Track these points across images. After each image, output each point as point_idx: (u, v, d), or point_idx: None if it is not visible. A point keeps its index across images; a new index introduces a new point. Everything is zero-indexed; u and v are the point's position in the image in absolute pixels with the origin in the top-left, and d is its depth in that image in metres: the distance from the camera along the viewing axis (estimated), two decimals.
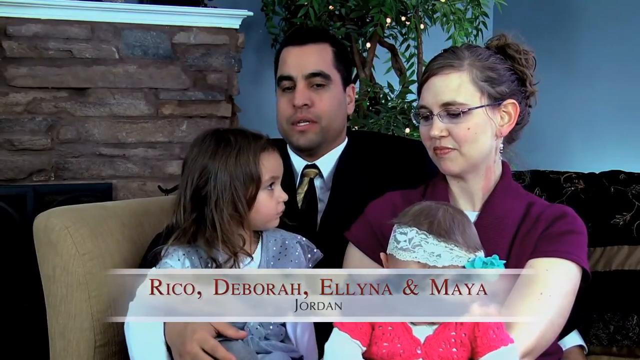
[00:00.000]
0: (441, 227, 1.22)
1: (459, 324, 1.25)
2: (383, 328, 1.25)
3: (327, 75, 1.79)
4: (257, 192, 1.49)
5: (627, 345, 1.71)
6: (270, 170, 1.50)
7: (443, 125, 1.46)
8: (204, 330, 1.40)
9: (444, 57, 1.50)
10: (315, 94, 1.78)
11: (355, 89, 1.91)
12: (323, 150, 1.84)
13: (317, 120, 1.78)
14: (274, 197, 1.52)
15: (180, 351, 1.41)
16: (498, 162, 1.55)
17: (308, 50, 1.81)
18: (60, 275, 1.62)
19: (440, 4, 3.12)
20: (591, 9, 3.60)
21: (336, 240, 1.60)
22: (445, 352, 1.23)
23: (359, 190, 1.69)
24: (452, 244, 1.22)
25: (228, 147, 1.49)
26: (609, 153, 3.37)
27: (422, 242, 1.22)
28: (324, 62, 1.80)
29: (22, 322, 2.74)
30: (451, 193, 1.55)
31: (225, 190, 1.46)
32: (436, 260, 1.21)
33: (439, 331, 1.24)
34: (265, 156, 1.50)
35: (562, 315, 1.40)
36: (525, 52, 1.53)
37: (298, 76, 1.78)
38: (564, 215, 1.48)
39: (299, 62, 1.80)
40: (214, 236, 1.46)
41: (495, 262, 1.23)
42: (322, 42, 1.84)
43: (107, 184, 2.97)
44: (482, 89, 1.47)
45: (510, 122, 1.51)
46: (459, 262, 1.22)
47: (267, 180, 1.50)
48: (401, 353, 1.23)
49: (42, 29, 2.83)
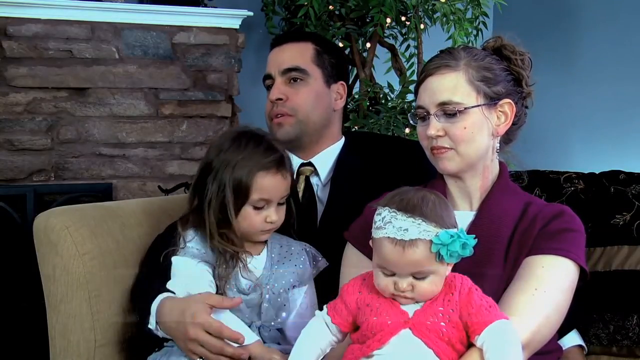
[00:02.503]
0: (409, 204, 1.26)
1: (446, 300, 1.28)
2: (371, 305, 1.29)
3: (303, 70, 1.82)
4: (243, 205, 1.51)
5: (627, 345, 1.70)
6: (261, 191, 1.51)
7: (440, 124, 1.48)
8: (204, 312, 1.41)
9: (440, 57, 1.52)
10: (291, 89, 1.82)
11: (347, 87, 1.92)
12: (310, 146, 1.86)
13: (292, 114, 1.81)
14: (261, 215, 1.53)
15: (184, 338, 1.42)
16: (495, 161, 1.56)
17: (286, 48, 1.86)
18: (60, 275, 1.62)
19: (440, 4, 3.12)
20: (591, 9, 3.60)
21: (336, 240, 1.60)
22: (433, 325, 1.26)
23: (357, 190, 1.70)
24: (420, 219, 1.24)
25: (236, 152, 1.51)
26: (609, 153, 3.37)
27: (392, 219, 1.25)
28: (302, 57, 1.84)
29: (22, 322, 2.75)
30: (449, 193, 1.56)
31: (218, 192, 1.50)
32: (403, 234, 1.24)
33: (426, 306, 1.28)
34: (262, 175, 1.51)
35: (558, 311, 1.41)
36: (521, 53, 1.55)
37: (275, 73, 1.84)
38: (561, 213, 1.49)
39: (276, 60, 1.86)
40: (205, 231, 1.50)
41: (463, 236, 1.25)
42: (303, 41, 1.88)
43: (107, 184, 2.97)
44: (478, 89, 1.48)
45: (506, 121, 1.52)
46: (427, 235, 1.24)
47: (255, 200, 1.51)
48: (389, 324, 1.27)
49: (42, 29, 2.83)
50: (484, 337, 1.26)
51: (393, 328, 1.27)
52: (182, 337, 1.43)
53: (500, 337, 1.25)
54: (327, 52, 1.88)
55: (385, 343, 1.26)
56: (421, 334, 1.26)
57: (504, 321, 1.27)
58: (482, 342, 1.26)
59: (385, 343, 1.26)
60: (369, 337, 1.28)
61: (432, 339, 1.25)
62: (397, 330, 1.26)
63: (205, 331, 1.40)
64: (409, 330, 1.26)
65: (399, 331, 1.26)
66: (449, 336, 1.26)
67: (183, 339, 1.43)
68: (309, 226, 1.77)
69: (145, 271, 1.67)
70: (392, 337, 1.26)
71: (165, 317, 1.47)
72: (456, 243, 1.24)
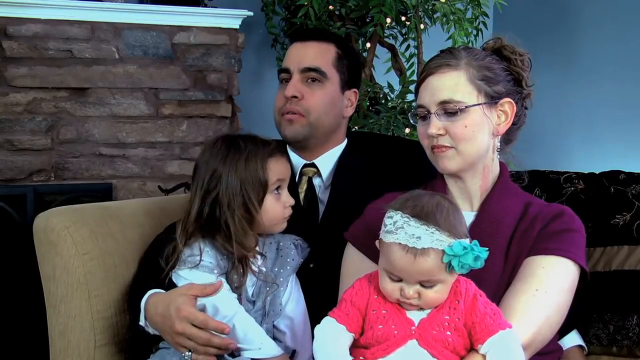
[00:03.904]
0: (423, 210, 1.24)
1: (452, 308, 1.26)
2: (377, 312, 1.28)
3: (323, 72, 1.81)
4: (264, 195, 1.54)
5: (627, 345, 1.70)
6: (277, 173, 1.56)
7: (440, 123, 1.48)
8: (188, 305, 1.41)
9: (441, 57, 1.52)
10: (307, 88, 1.81)
11: (358, 95, 1.92)
12: (315, 148, 1.85)
13: (304, 114, 1.80)
14: (281, 201, 1.57)
15: (171, 332, 1.42)
16: (495, 161, 1.56)
17: (309, 46, 1.84)
18: (60, 275, 1.62)
19: (440, 4, 3.12)
20: (591, 9, 3.60)
21: (336, 240, 1.60)
22: (439, 334, 1.25)
23: (358, 191, 1.69)
24: (433, 227, 1.22)
25: (238, 152, 1.54)
26: (609, 153, 3.36)
27: (404, 225, 1.23)
28: (323, 59, 1.82)
29: (22, 322, 2.75)
30: (449, 193, 1.56)
31: (236, 194, 1.51)
32: (416, 242, 1.22)
33: (432, 314, 1.26)
34: (272, 161, 1.56)
35: (559, 311, 1.41)
36: (521, 53, 1.55)
37: (294, 69, 1.82)
38: (561, 213, 1.49)
39: (298, 55, 1.83)
40: (228, 235, 1.50)
41: (476, 249, 1.23)
42: (327, 41, 1.86)
43: (107, 184, 2.97)
44: (478, 88, 1.48)
45: (507, 121, 1.52)
46: (439, 245, 1.22)
47: (274, 183, 1.55)
48: (395, 334, 1.26)
49: (42, 29, 2.83)
50: (488, 346, 1.25)
51: (400, 339, 1.26)
52: (169, 332, 1.43)
53: (504, 347, 1.25)
54: (347, 57, 1.86)
55: (391, 353, 1.25)
56: (427, 345, 1.25)
57: (508, 331, 1.26)
58: (486, 351, 1.26)
59: (390, 353, 1.26)
60: (374, 345, 1.27)
61: (438, 349, 1.25)
62: (404, 342, 1.26)
63: (191, 324, 1.40)
64: (415, 341, 1.25)
65: (406, 342, 1.25)
66: (455, 345, 1.26)
67: (170, 332, 1.43)
68: (310, 226, 1.77)
69: (142, 272, 1.66)
70: (398, 347, 1.25)
71: (151, 313, 1.47)
72: (469, 255, 1.22)
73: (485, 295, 1.30)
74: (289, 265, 1.59)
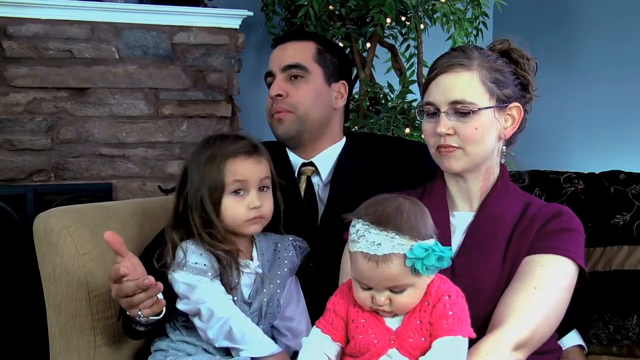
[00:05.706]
0: (382, 215, 1.22)
1: (423, 310, 1.25)
2: (356, 321, 1.28)
3: (304, 67, 1.83)
4: (220, 197, 1.50)
5: (627, 345, 1.71)
6: (235, 174, 1.51)
7: (450, 123, 1.47)
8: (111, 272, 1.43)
9: (453, 55, 1.50)
10: (291, 86, 1.83)
11: (349, 87, 1.92)
12: (310, 144, 1.86)
13: (292, 110, 1.83)
14: (244, 203, 1.52)
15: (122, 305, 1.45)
16: (498, 163, 1.56)
17: (288, 46, 1.88)
18: (60, 275, 1.62)
19: (440, 4, 3.12)
20: (591, 9, 3.60)
21: (336, 240, 1.60)
22: (416, 342, 1.24)
23: (358, 191, 1.69)
24: (393, 232, 1.20)
25: (204, 151, 1.53)
26: (609, 153, 3.36)
27: (365, 233, 1.22)
28: (303, 55, 1.85)
29: (22, 322, 2.75)
30: (449, 193, 1.56)
31: (196, 194, 1.51)
32: (377, 249, 1.20)
33: (405, 321, 1.26)
34: (233, 162, 1.51)
35: (557, 310, 1.41)
36: (529, 58, 1.55)
37: (276, 70, 1.85)
38: (560, 213, 1.49)
39: (278, 56, 1.87)
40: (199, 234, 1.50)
41: (438, 249, 1.21)
42: (305, 40, 1.89)
43: (107, 184, 2.97)
44: (490, 90, 1.48)
45: (513, 125, 1.52)
46: (400, 249, 1.20)
47: (231, 184, 1.50)
48: (375, 343, 1.25)
49: (42, 29, 2.83)
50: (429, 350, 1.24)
51: (380, 348, 1.25)
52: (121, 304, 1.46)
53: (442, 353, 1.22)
54: (329, 52, 1.89)
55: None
56: (408, 353, 1.24)
57: (452, 338, 1.23)
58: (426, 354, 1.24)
59: None
60: (357, 355, 1.27)
61: (418, 356, 1.24)
62: (385, 351, 1.25)
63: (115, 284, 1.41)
64: (395, 350, 1.25)
65: (387, 351, 1.25)
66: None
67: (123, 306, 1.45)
68: (310, 226, 1.77)
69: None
70: (380, 357, 1.25)
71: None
72: (431, 256, 1.20)
73: (460, 295, 1.27)
74: (286, 267, 1.58)
